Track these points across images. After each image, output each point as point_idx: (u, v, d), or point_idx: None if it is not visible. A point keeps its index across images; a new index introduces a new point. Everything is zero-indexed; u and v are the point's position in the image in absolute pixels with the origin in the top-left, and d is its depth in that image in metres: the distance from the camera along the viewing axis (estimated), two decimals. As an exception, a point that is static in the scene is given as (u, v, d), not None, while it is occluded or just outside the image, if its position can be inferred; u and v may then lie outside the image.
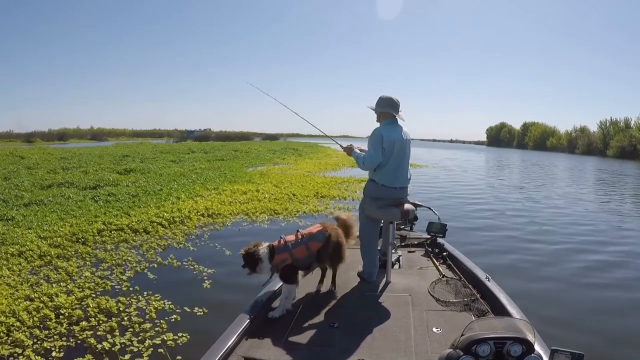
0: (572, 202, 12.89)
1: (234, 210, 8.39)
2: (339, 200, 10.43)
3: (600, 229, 8.84)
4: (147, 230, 6.97)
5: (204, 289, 4.69)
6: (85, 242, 6.32)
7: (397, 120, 3.67)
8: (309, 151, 37.86)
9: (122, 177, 13.85)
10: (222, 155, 25.49)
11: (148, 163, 19.31)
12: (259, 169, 18.68)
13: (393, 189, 3.61)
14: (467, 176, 21.04)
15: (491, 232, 7.97)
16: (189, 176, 13.59)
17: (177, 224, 7.37)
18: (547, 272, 5.69)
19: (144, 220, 7.38)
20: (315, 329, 2.88)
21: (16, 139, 79.38)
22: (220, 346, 2.48)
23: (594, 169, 32.61)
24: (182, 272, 5.19)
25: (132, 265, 5.35)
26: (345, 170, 19.67)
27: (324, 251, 3.25)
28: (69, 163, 19.21)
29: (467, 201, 12.02)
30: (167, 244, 6.29)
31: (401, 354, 2.56)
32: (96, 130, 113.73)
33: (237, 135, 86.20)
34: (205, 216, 7.96)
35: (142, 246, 6.16)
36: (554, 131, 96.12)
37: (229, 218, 7.91)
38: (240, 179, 13.19)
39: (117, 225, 7.12)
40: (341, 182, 14.22)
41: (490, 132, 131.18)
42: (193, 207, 8.31)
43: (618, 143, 65.48)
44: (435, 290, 3.47)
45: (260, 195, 9.98)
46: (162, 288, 4.60)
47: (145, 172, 15.24)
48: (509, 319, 2.55)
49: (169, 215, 7.66)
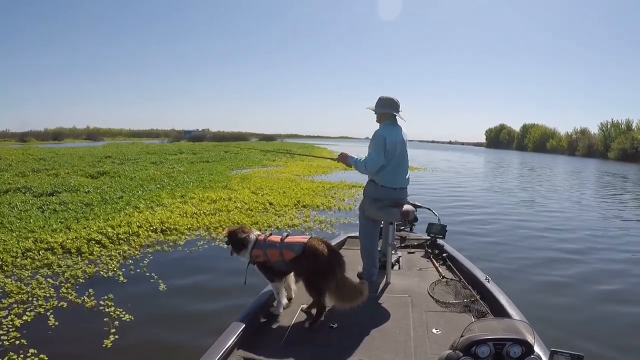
0: (574, 205, 11.88)
1: (194, 225, 7.16)
2: (322, 211, 9.19)
3: (602, 233, 8.66)
4: (81, 250, 5.77)
5: (102, 348, 3.46)
6: (2, 266, 5.15)
7: (396, 120, 3.67)
8: (303, 152, 36.66)
9: (89, 182, 12.66)
10: (208, 157, 24.26)
11: (126, 165, 18.11)
12: (244, 171, 17.45)
13: (393, 189, 3.62)
14: (464, 180, 19.85)
15: (487, 237, 7.79)
16: (160, 181, 12.37)
17: (120, 242, 6.16)
18: (547, 275, 5.63)
19: (81, 238, 6.18)
20: (315, 329, 2.86)
21: (11, 139, 78.35)
22: (219, 346, 2.44)
23: (597, 172, 31.49)
24: (91, 317, 3.96)
25: (38, 304, 4.15)
26: (337, 174, 18.45)
27: (299, 265, 3.03)
28: (44, 165, 18.01)
29: (460, 204, 11.59)
30: (94, 271, 5.08)
31: (400, 354, 2.56)
32: (92, 130, 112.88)
33: (233, 135, 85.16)
34: (158, 232, 6.74)
35: (64, 273, 4.96)
36: (554, 133, 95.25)
37: (185, 235, 6.68)
38: (217, 184, 11.95)
39: (49, 243, 5.94)
40: (329, 188, 12.99)
41: (490, 134, 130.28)
42: (146, 221, 7.10)
43: (620, 145, 64.69)
44: (434, 291, 3.46)
45: (231, 205, 8.75)
46: (54, 343, 3.44)
47: (116, 175, 14.03)
48: (508, 320, 2.54)
49: (113, 232, 6.46)
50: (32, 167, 16.72)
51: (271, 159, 26.42)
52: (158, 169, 16.68)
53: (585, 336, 3.90)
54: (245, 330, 2.69)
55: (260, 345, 2.65)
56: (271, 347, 2.62)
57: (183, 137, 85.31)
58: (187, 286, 4.78)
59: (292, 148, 41.34)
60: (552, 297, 4.87)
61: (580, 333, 3.96)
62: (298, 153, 22.65)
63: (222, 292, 4.59)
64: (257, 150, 32.69)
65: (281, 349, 2.61)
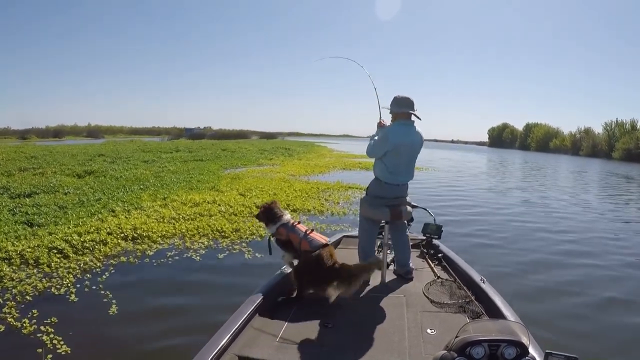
0: (573, 206, 11.33)
1: (168, 231, 6.58)
2: (313, 216, 8.60)
3: (604, 235, 8.53)
4: (39, 261, 5.21)
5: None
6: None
7: (412, 121, 3.68)
8: (302, 150, 36.07)
9: (73, 181, 12.13)
10: (203, 155, 23.70)
11: (117, 164, 17.57)
12: (238, 171, 16.88)
13: (396, 185, 3.68)
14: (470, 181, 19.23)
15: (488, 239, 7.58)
16: (145, 181, 11.81)
17: (84, 251, 5.60)
18: (543, 276, 5.60)
19: (43, 246, 5.64)
20: (310, 328, 2.84)
21: (12, 136, 77.96)
22: (213, 344, 2.42)
23: (601, 172, 30.79)
24: (24, 346, 3.36)
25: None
26: (334, 174, 17.89)
27: (307, 257, 3.26)
28: (34, 163, 17.49)
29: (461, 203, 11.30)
30: (46, 287, 4.52)
31: (395, 355, 2.54)
32: (93, 128, 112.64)
33: (233, 133, 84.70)
34: (128, 240, 6.18)
35: (15, 288, 4.41)
36: (557, 132, 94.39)
37: (157, 244, 6.08)
38: (204, 185, 11.37)
39: (8, 252, 5.40)
40: (324, 189, 12.38)
41: (492, 133, 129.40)
42: (118, 227, 6.54)
43: (624, 145, 63.96)
44: (430, 292, 3.45)
45: (214, 209, 8.17)
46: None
47: (102, 175, 13.48)
48: (503, 322, 2.53)
49: (79, 239, 5.90)
50: (20, 166, 16.20)
51: (268, 157, 25.87)
52: (148, 168, 16.13)
53: (581, 338, 3.90)
54: (239, 329, 2.68)
55: (254, 344, 2.61)
56: (265, 346, 2.59)
57: (184, 135, 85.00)
58: (143, 309, 4.13)
59: (291, 146, 40.74)
60: (548, 299, 4.85)
61: (576, 335, 3.96)
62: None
63: (185, 318, 3.95)
64: (255, 149, 32.13)
65: (275, 348, 2.58)
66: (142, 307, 4.16)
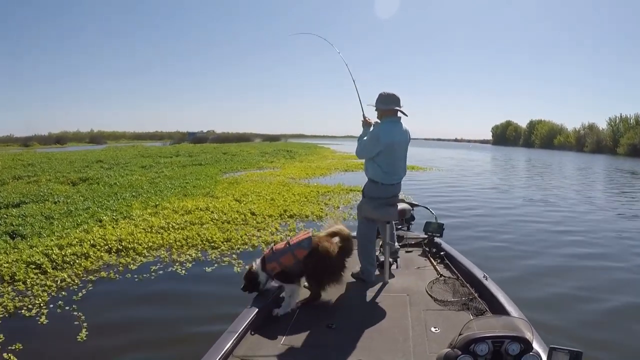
0: (579, 204, 10.87)
1: (155, 242, 6.22)
2: (310, 222, 8.19)
3: (604, 234, 8.25)
4: (15, 277, 4.89)
5: None
6: None
7: (398, 118, 3.64)
8: (303, 153, 35.69)
9: (65, 189, 11.84)
10: (203, 160, 23.39)
11: (114, 170, 17.29)
12: (237, 175, 16.53)
13: (391, 185, 3.66)
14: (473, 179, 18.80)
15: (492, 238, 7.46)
16: (139, 187, 11.48)
17: (64, 266, 5.26)
18: (546, 272, 5.55)
19: (21, 261, 5.31)
20: (314, 330, 2.83)
21: (14, 143, 78.02)
22: (219, 347, 2.43)
23: (607, 168, 30.25)
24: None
25: None
26: (336, 176, 17.50)
27: (311, 259, 3.15)
28: (30, 171, 17.24)
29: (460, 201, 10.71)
30: (18, 307, 4.17)
31: (399, 354, 2.53)
32: (95, 134, 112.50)
33: (236, 136, 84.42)
34: (112, 252, 5.83)
35: (-17, 309, 4.09)
36: (561, 129, 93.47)
37: (142, 256, 5.72)
38: (199, 191, 11.01)
39: (-17, 268, 5.08)
40: (325, 193, 11.96)
41: (496, 131, 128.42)
42: (103, 238, 6.20)
43: (629, 140, 63.21)
44: (433, 290, 3.43)
45: (207, 216, 7.81)
46: None
47: (96, 182, 13.17)
48: (507, 318, 2.55)
49: (60, 253, 5.56)
50: (15, 174, 15.94)
51: (269, 160, 25.53)
52: (144, 173, 15.82)
53: (584, 334, 3.86)
54: (244, 331, 2.69)
55: (259, 345, 2.63)
56: (270, 349, 2.60)
57: (186, 138, 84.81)
58: (116, 332, 3.75)
59: (293, 149, 40.37)
60: (552, 295, 4.80)
61: (580, 330, 3.93)
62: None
63: (156, 343, 3.59)
64: (257, 152, 31.81)
65: (280, 349, 2.59)
66: (113, 331, 3.76)
